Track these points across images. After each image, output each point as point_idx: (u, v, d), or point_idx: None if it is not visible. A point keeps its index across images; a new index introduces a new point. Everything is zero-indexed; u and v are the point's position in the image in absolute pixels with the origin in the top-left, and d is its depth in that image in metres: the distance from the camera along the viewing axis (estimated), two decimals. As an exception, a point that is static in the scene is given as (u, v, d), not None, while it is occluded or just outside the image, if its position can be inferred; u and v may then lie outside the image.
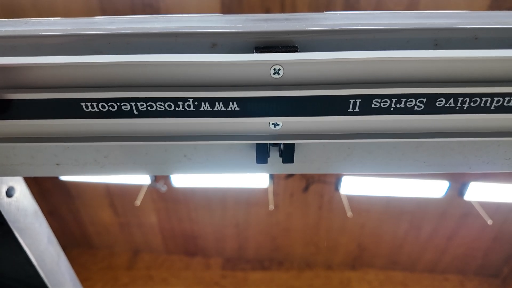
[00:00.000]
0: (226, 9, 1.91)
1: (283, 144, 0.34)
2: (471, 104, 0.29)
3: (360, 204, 2.67)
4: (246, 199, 2.86)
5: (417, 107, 0.29)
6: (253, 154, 0.37)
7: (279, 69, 0.27)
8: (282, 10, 1.90)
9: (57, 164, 0.37)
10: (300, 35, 0.30)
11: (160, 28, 0.30)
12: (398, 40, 0.30)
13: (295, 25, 0.31)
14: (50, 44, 0.31)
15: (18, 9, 1.95)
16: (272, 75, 0.28)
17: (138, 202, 2.78)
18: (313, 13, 0.34)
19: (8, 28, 0.31)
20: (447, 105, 0.29)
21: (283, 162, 0.35)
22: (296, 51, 0.30)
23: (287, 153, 0.35)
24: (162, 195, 2.89)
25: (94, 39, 0.30)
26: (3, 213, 0.48)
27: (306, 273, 3.18)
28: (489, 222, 2.44)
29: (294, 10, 1.89)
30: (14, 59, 0.27)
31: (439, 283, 3.03)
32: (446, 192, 2.36)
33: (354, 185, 2.44)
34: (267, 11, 1.91)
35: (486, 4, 1.83)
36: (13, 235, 0.51)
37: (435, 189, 2.35)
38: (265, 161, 0.36)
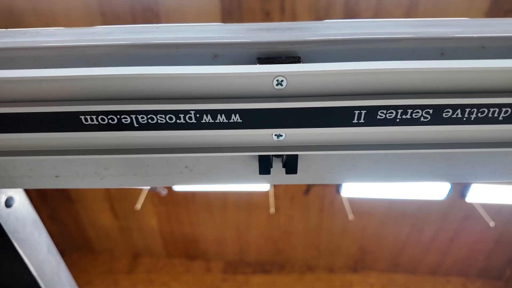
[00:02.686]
0: (226, 13, 1.91)
1: (287, 155, 0.33)
2: (479, 115, 0.28)
3: (361, 206, 2.66)
4: (247, 202, 2.86)
5: (424, 118, 0.28)
6: (255, 164, 0.36)
7: (282, 80, 0.27)
8: (282, 13, 1.89)
9: (56, 176, 0.36)
10: (303, 45, 0.30)
11: (160, 38, 0.30)
12: (403, 49, 0.30)
13: (298, 34, 0.30)
14: (48, 56, 0.30)
15: (18, 14, 1.95)
16: (275, 87, 0.27)
17: (138, 206, 2.77)
18: (315, 22, 0.34)
19: (6, 39, 0.31)
20: (454, 116, 0.28)
21: (286, 173, 0.35)
22: (299, 61, 0.29)
23: (291, 164, 0.34)
24: (163, 199, 2.88)
25: (94, 50, 0.30)
26: (2, 223, 0.47)
27: (307, 276, 3.16)
28: (491, 224, 2.43)
29: (293, 13, 1.89)
30: (11, 72, 0.26)
31: (441, 285, 3.02)
32: (447, 194, 2.35)
33: (355, 188, 2.43)
34: (267, 14, 1.90)
35: (486, 6, 1.83)
36: (12, 245, 0.50)
37: (436, 191, 2.34)
38: (268, 172, 0.35)
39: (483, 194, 2.30)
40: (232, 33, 0.31)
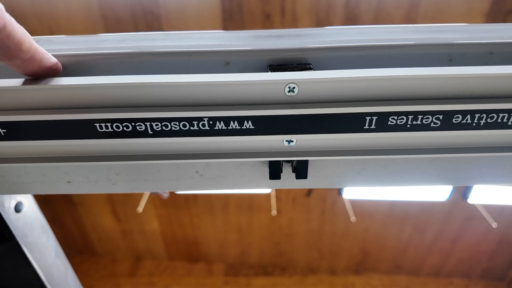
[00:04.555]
0: (227, 15, 1.92)
1: (297, 160, 0.34)
2: (488, 120, 0.28)
3: (363, 208, 2.67)
4: (249, 204, 2.86)
5: (434, 124, 0.28)
6: (265, 169, 0.37)
7: (294, 87, 0.27)
8: (283, 15, 1.90)
9: (68, 182, 0.37)
10: (314, 52, 0.30)
11: (173, 46, 0.30)
12: (413, 55, 0.30)
13: (308, 41, 0.30)
14: (62, 64, 0.31)
15: (20, 16, 1.96)
16: (287, 93, 0.28)
17: (140, 209, 2.77)
18: (324, 28, 0.34)
19: (20, 48, 0.31)
20: (464, 121, 0.28)
21: (297, 178, 0.35)
22: (310, 68, 0.30)
23: (301, 169, 0.34)
24: (164, 201, 2.88)
25: (107, 58, 0.30)
26: (12, 228, 0.48)
27: (309, 278, 3.16)
28: (494, 225, 2.43)
29: (294, 15, 1.90)
30: (27, 81, 0.26)
31: (444, 287, 3.01)
32: (449, 195, 2.36)
33: (357, 189, 2.43)
34: (268, 17, 1.92)
35: (486, 7, 1.84)
36: (21, 250, 0.50)
37: (438, 192, 2.34)
38: (278, 177, 0.35)
39: (485, 195, 2.30)
40: (243, 40, 0.31)
